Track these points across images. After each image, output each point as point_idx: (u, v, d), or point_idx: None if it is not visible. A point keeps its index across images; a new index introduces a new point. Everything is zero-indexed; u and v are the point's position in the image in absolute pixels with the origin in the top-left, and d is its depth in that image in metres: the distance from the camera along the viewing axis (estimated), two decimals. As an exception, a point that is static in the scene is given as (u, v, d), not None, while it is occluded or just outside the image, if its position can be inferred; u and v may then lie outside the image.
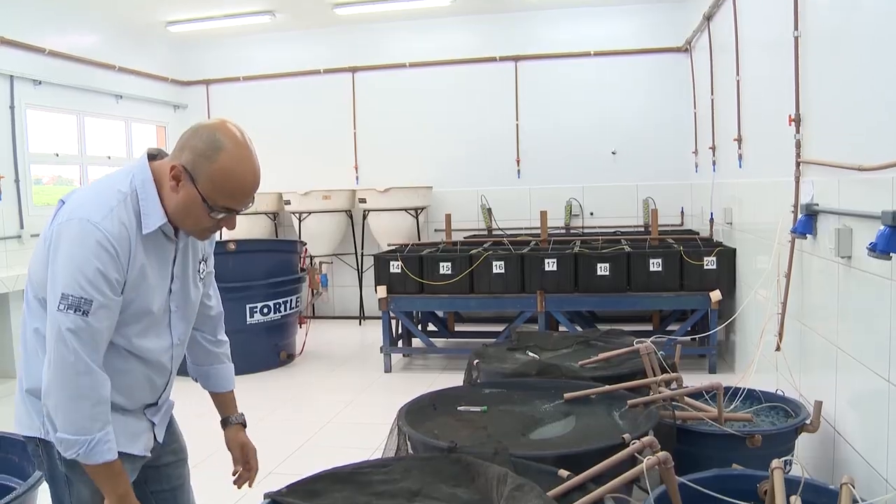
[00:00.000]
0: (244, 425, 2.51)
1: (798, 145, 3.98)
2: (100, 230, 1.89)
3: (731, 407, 3.71)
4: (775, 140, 4.60)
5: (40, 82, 7.79)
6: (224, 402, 2.51)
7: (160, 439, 2.29)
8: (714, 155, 7.30)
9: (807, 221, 3.77)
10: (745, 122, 5.81)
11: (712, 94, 7.29)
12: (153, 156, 2.09)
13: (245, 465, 2.48)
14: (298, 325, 8.01)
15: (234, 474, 2.48)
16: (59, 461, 2.04)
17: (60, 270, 1.88)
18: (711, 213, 7.48)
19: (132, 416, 2.17)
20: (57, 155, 8.23)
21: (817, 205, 3.70)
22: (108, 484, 1.97)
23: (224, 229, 2.16)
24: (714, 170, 7.28)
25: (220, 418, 2.52)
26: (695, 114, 8.48)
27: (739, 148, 5.91)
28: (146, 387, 2.17)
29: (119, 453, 2.00)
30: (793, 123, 4.00)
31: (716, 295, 6.43)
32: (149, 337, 2.10)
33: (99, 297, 1.89)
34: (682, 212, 9.05)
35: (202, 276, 2.29)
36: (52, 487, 2.12)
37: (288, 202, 9.34)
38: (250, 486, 2.49)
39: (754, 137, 5.57)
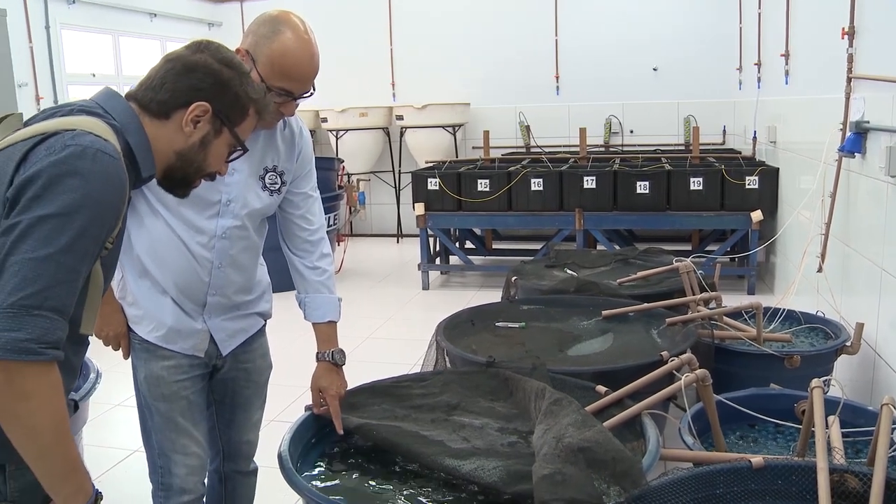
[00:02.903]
0: (336, 364, 2.39)
1: (850, 60, 3.84)
2: None
3: (770, 327, 3.69)
4: (825, 55, 4.46)
5: (74, 1, 7.74)
6: (319, 335, 2.43)
7: (223, 352, 2.33)
8: (759, 71, 7.09)
9: (856, 139, 3.67)
10: (794, 36, 5.62)
11: (759, 7, 7.04)
12: None
13: (318, 408, 2.38)
14: (336, 243, 8.06)
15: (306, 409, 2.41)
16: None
17: None
18: (755, 132, 7.31)
19: (183, 312, 2.23)
20: (94, 76, 8.23)
21: (868, 122, 3.60)
22: None
23: None
24: (759, 87, 7.09)
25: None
26: (740, 28, 8.21)
27: (786, 64, 5.74)
28: (187, 272, 2.19)
29: (158, 346, 2.22)
30: (846, 37, 3.86)
31: (757, 215, 6.34)
32: (191, 210, 2.16)
33: None
34: (724, 130, 8.86)
35: (270, 187, 2.29)
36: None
37: (325, 120, 9.29)
38: (338, 429, 2.31)
39: (803, 52, 5.39)
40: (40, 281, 1.33)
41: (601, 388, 2.51)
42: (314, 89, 2.17)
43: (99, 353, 2.37)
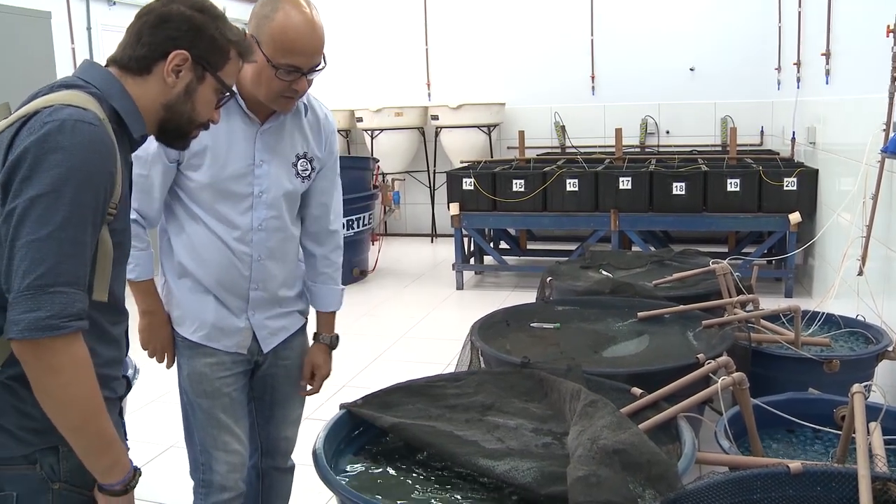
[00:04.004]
0: (330, 346, 2.53)
1: (895, 58, 3.77)
2: None
3: (809, 331, 3.64)
4: (868, 54, 4.38)
5: (115, 2, 7.85)
6: (321, 320, 2.55)
7: (264, 349, 2.36)
8: (798, 71, 7.00)
9: (899, 140, 3.60)
10: (836, 35, 5.54)
11: (800, 6, 6.95)
12: None
13: (308, 381, 2.53)
14: (371, 242, 8.10)
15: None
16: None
17: None
18: (793, 133, 7.22)
19: (226, 310, 2.27)
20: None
21: (911, 123, 3.53)
22: (136, 298, 2.27)
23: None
24: (798, 87, 7.00)
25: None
26: (779, 28, 8.12)
27: (827, 63, 5.65)
28: (228, 269, 2.23)
29: (201, 344, 2.27)
30: (890, 34, 3.79)
31: (795, 217, 6.26)
32: (225, 206, 2.20)
33: (141, 151, 2.05)
34: (762, 131, 8.77)
35: (302, 174, 2.31)
36: None
37: (360, 119, 9.33)
38: (303, 393, 2.54)
39: (845, 52, 5.31)
40: (48, 260, 1.37)
41: (636, 391, 2.49)
42: (325, 63, 2.14)
43: (137, 349, 2.40)
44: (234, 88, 2.13)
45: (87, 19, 7.55)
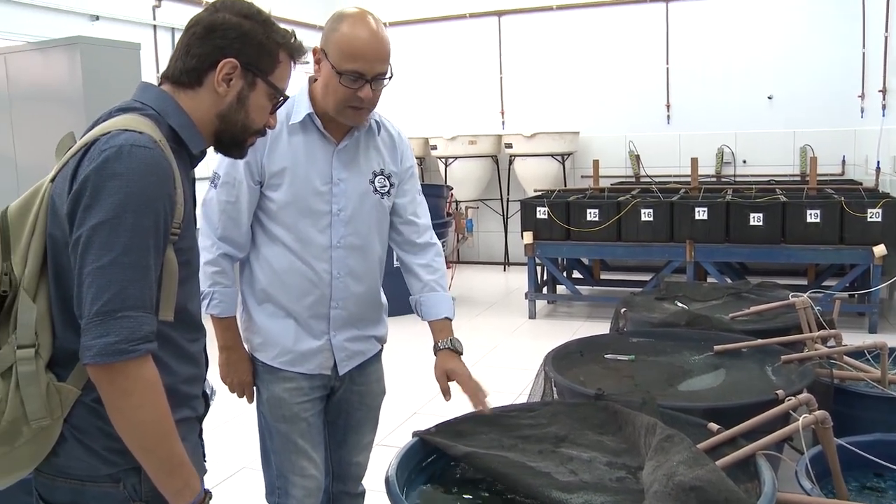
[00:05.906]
0: (456, 351, 2.48)
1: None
2: None
3: (896, 369, 3.52)
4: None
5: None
6: (435, 329, 2.51)
7: (340, 371, 2.39)
8: (884, 98, 6.85)
9: None
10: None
11: (886, 30, 6.80)
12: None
13: (445, 391, 2.47)
14: (443, 269, 8.12)
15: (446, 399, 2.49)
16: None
17: None
18: (878, 162, 7.03)
19: (306, 333, 2.31)
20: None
21: None
22: (217, 334, 2.33)
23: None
24: (884, 114, 6.83)
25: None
26: (863, 53, 7.93)
27: (916, 91, 5.51)
28: (308, 289, 2.28)
29: (280, 369, 2.32)
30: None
31: (880, 249, 6.06)
32: (304, 225, 2.25)
33: (224, 174, 2.22)
34: (844, 160, 8.53)
35: (381, 190, 2.35)
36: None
37: (434, 147, 9.42)
38: (483, 408, 2.42)
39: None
40: (113, 286, 1.41)
41: (713, 426, 2.44)
42: (391, 73, 2.18)
43: (214, 371, 2.45)
44: (311, 109, 2.19)
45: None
